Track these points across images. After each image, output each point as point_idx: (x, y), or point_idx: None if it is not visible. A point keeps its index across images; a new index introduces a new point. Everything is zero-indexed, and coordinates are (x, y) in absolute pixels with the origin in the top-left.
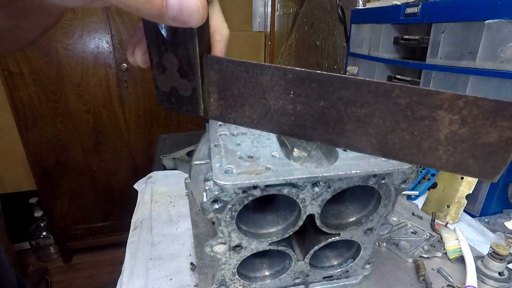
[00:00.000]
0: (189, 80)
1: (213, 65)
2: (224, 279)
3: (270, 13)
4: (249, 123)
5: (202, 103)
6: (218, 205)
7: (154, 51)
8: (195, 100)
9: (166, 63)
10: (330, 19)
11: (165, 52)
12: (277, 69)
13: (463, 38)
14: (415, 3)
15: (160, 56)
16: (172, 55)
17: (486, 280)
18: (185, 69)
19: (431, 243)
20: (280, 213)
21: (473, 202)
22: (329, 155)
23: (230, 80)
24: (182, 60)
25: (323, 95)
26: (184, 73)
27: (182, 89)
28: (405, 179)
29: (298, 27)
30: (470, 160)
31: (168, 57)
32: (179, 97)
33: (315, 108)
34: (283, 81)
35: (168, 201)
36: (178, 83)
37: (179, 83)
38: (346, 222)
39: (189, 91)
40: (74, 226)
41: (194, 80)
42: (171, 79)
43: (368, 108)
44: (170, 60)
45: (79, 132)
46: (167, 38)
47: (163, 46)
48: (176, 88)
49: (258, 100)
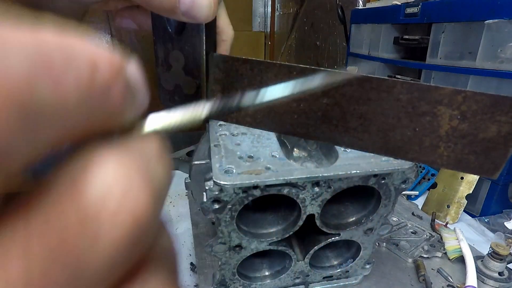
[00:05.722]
0: (194, 78)
1: (219, 63)
2: (224, 279)
3: (270, 13)
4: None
5: None
6: (218, 205)
7: (161, 48)
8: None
9: (172, 60)
10: (330, 19)
11: (172, 50)
12: (282, 67)
13: (463, 38)
14: (415, 3)
15: (166, 53)
16: (179, 52)
17: (486, 280)
18: (191, 66)
19: (431, 243)
20: (280, 213)
21: (473, 202)
22: (329, 155)
23: (235, 79)
24: (189, 57)
25: (327, 92)
26: (189, 71)
27: (187, 86)
28: (405, 179)
29: (298, 27)
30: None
31: (175, 55)
32: (182, 95)
33: (318, 106)
34: (287, 79)
35: (168, 201)
36: (183, 80)
37: (184, 80)
38: (346, 222)
39: (194, 88)
40: None
41: (199, 78)
42: (176, 76)
43: (371, 105)
44: (176, 58)
45: None
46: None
47: (170, 43)
48: (180, 86)
49: None
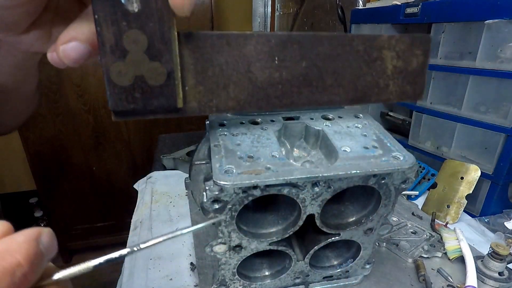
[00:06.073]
0: (163, 62)
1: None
2: (224, 279)
3: (270, 13)
4: (235, 106)
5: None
6: (218, 205)
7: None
8: (170, 88)
9: (128, 44)
10: (330, 19)
11: (127, 30)
12: (260, 36)
13: (463, 38)
14: (415, 3)
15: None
16: (138, 31)
17: (486, 280)
18: (158, 47)
19: (431, 243)
20: (280, 213)
21: (473, 202)
22: (329, 155)
23: (210, 58)
24: (154, 36)
25: (304, 54)
26: (156, 53)
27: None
28: (405, 179)
29: (298, 27)
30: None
31: (132, 36)
32: (146, 89)
33: (299, 70)
34: (267, 48)
35: (168, 201)
36: (146, 69)
37: (148, 69)
38: (346, 222)
39: (163, 77)
40: (74, 226)
41: (170, 61)
42: (135, 65)
43: (339, 60)
44: (134, 39)
45: (79, 132)
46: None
47: (124, 21)
48: (142, 78)
49: (243, 75)
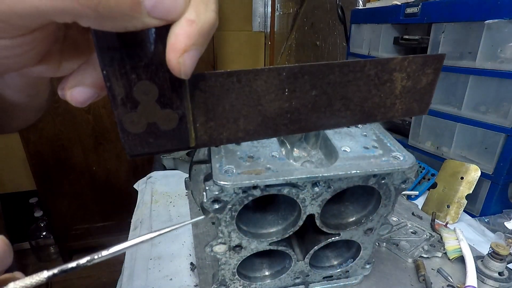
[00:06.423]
0: (175, 108)
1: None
2: (224, 279)
3: (270, 13)
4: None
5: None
6: (218, 205)
7: (120, 84)
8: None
9: (139, 95)
10: (330, 19)
11: (137, 82)
12: (271, 71)
13: (463, 38)
14: (415, 3)
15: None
16: (149, 82)
17: (486, 280)
18: (169, 95)
19: (431, 243)
20: (280, 213)
21: (473, 202)
22: (329, 155)
23: (220, 96)
24: (164, 86)
25: (315, 84)
26: (167, 102)
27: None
28: (405, 179)
29: (298, 27)
30: (414, 104)
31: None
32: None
33: (309, 99)
34: (277, 81)
35: (168, 201)
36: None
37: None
38: (346, 222)
39: (175, 122)
40: (74, 226)
41: (181, 107)
42: (147, 114)
43: (350, 86)
44: (145, 90)
45: (79, 132)
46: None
47: (134, 74)
48: (155, 124)
49: (253, 108)
